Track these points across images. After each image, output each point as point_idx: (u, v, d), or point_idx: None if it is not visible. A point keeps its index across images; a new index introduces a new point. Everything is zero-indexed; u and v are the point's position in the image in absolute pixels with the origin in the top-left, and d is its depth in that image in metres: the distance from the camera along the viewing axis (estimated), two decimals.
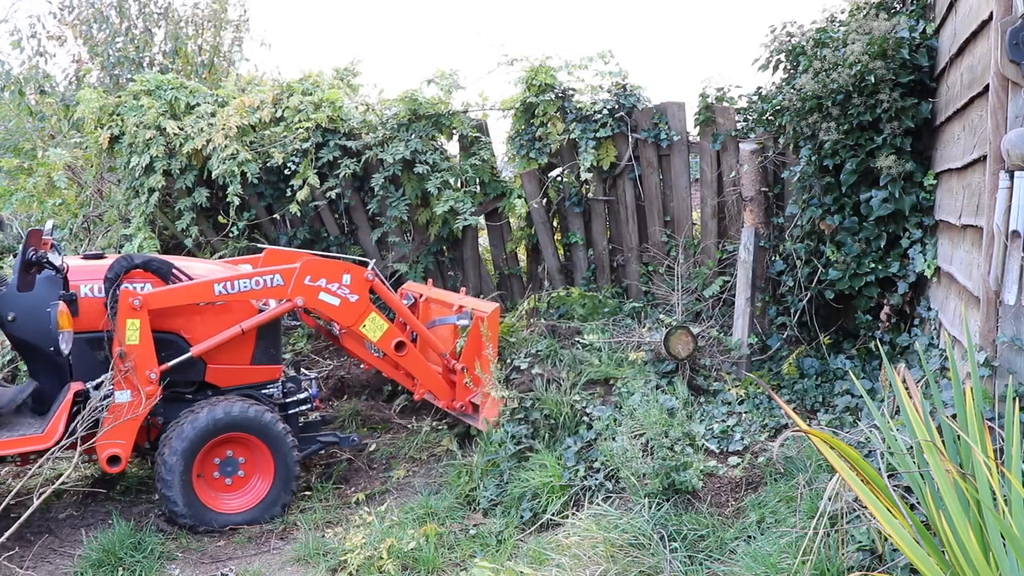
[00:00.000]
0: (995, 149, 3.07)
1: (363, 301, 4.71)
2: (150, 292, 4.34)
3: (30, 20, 8.71)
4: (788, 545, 3.06)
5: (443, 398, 5.09)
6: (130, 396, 4.27)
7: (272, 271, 4.58)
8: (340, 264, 4.72)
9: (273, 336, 4.88)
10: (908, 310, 4.68)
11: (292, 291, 4.57)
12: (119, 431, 4.26)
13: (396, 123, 6.39)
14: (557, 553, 3.51)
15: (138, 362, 4.26)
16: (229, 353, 4.66)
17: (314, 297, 4.61)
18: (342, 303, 4.66)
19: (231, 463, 4.52)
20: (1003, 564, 2.07)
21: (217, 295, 4.46)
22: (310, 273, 4.59)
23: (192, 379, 4.62)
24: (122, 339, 4.24)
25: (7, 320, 4.31)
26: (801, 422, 2.56)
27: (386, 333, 4.80)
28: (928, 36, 4.40)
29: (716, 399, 4.73)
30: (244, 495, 4.54)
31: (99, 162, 6.96)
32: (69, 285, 4.34)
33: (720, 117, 5.86)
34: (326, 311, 4.73)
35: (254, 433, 4.46)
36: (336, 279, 4.65)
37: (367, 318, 4.74)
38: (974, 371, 2.66)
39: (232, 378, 4.71)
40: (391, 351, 4.86)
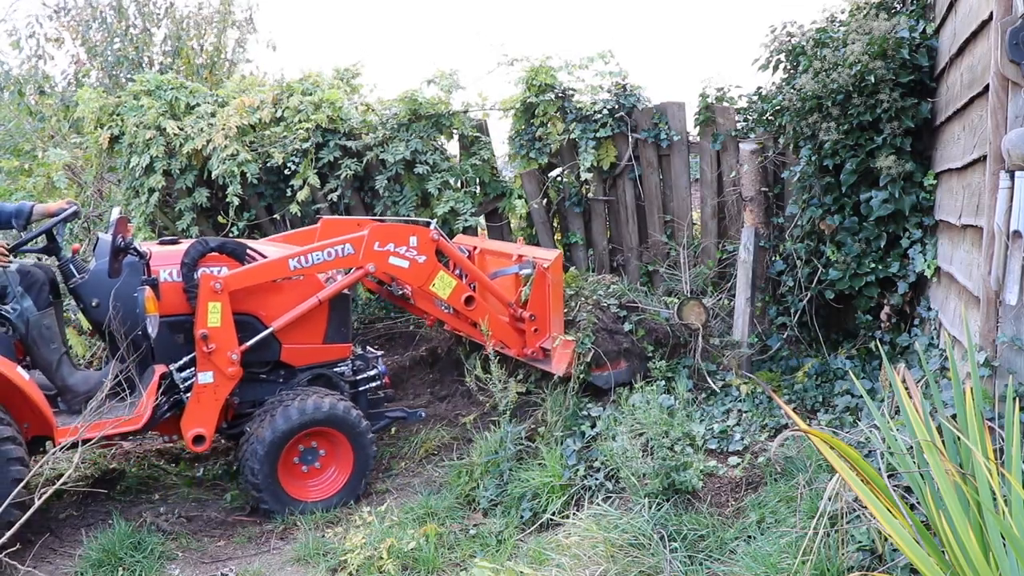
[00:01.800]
0: (995, 149, 3.07)
1: (431, 261, 4.78)
2: (229, 274, 4.43)
3: (28, 20, 8.73)
4: (788, 545, 3.06)
5: (513, 347, 5.13)
6: (212, 377, 4.41)
7: (342, 241, 4.63)
8: (406, 227, 4.78)
9: (344, 315, 4.99)
10: (908, 310, 4.68)
11: (363, 258, 4.64)
12: (203, 411, 4.42)
13: (396, 123, 6.39)
14: (557, 553, 3.51)
15: (220, 344, 4.38)
16: (303, 332, 4.78)
17: (384, 261, 4.68)
18: (411, 265, 4.73)
19: (312, 453, 4.65)
20: (1003, 564, 2.07)
21: (292, 270, 4.54)
22: (378, 239, 4.65)
23: (268, 359, 4.74)
24: (204, 322, 4.34)
25: (91, 306, 4.41)
26: (801, 422, 2.57)
27: (455, 289, 4.87)
28: (928, 36, 4.40)
29: (722, 396, 4.74)
30: (323, 483, 4.69)
31: (99, 162, 6.96)
32: (151, 270, 4.44)
33: (720, 117, 5.86)
34: (396, 274, 4.81)
35: (338, 428, 4.59)
36: (404, 242, 4.70)
37: (436, 277, 4.81)
38: (974, 371, 2.66)
39: (306, 357, 4.84)
40: (461, 306, 4.91)
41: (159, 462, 5.42)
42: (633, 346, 5.04)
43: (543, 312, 5.02)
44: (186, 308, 4.42)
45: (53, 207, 4.64)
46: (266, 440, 4.41)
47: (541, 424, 4.79)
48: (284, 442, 4.46)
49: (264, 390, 4.74)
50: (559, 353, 4.90)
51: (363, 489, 4.75)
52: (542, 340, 5.07)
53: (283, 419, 4.44)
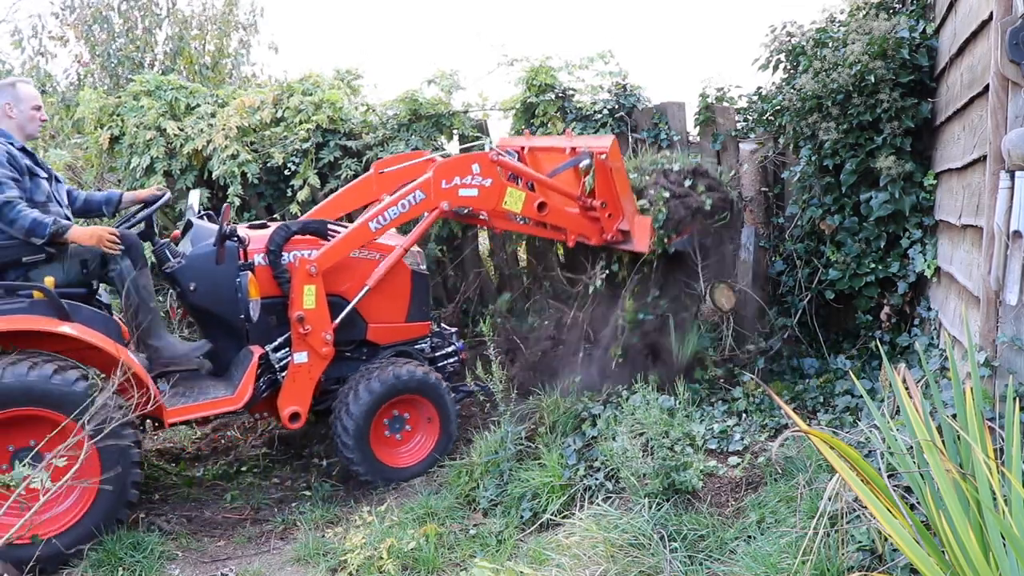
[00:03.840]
0: (995, 149, 3.07)
1: (497, 182, 4.82)
2: (320, 254, 4.54)
3: (31, 20, 8.74)
4: (788, 545, 3.06)
5: (593, 236, 5.22)
6: (307, 357, 4.58)
7: (412, 189, 4.68)
8: (465, 158, 4.82)
9: (424, 293, 5.15)
10: (908, 310, 4.68)
11: (436, 199, 4.68)
12: (299, 390, 4.61)
13: (396, 123, 6.39)
14: (557, 553, 3.51)
15: (315, 325, 4.54)
16: (387, 311, 4.98)
17: (455, 196, 4.73)
18: (480, 191, 4.78)
19: (399, 420, 4.86)
20: (1003, 564, 2.07)
21: (375, 231, 4.61)
22: (444, 176, 4.70)
23: (354, 338, 4.90)
24: (300, 304, 4.48)
25: (189, 290, 4.53)
26: (801, 422, 2.56)
27: (526, 201, 4.92)
28: (928, 36, 4.40)
29: (723, 395, 4.75)
30: (412, 449, 4.90)
31: (99, 162, 6.96)
32: (248, 254, 4.59)
33: (720, 117, 5.86)
34: (469, 204, 4.86)
35: (423, 394, 4.81)
36: (468, 172, 4.75)
37: (505, 195, 4.85)
38: (974, 371, 2.66)
39: (390, 335, 5.02)
40: (535, 214, 4.98)
41: (159, 462, 5.42)
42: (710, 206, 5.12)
43: (612, 197, 5.07)
44: (277, 290, 4.59)
45: (143, 194, 4.76)
46: (359, 408, 4.60)
47: (541, 424, 4.79)
48: (376, 408, 4.65)
49: (348, 368, 4.89)
50: (638, 231, 5.04)
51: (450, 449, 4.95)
52: (618, 223, 5.14)
53: (378, 383, 4.64)
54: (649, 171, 5.32)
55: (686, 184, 5.19)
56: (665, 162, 5.38)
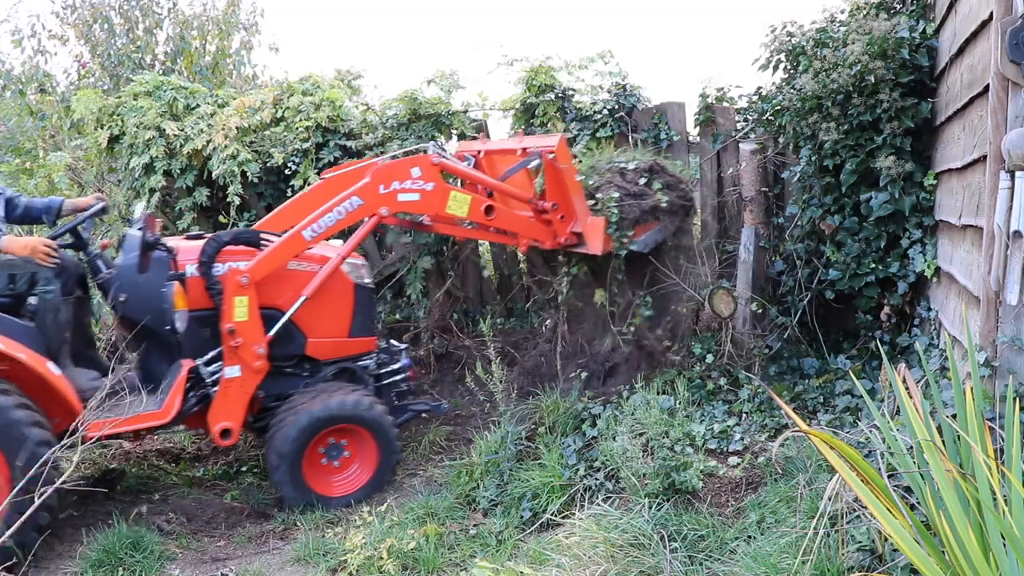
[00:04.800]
0: (995, 149, 3.07)
1: (440, 185, 4.70)
2: (252, 264, 4.41)
3: (31, 19, 8.74)
4: (788, 545, 3.06)
5: (546, 240, 5.10)
6: (240, 371, 4.45)
7: (349, 195, 4.54)
8: (405, 161, 4.71)
9: (369, 308, 4.99)
10: (908, 310, 4.68)
11: (374, 205, 4.57)
12: (231, 405, 4.47)
13: (396, 123, 6.39)
14: (557, 553, 3.51)
15: (247, 338, 4.41)
16: (328, 326, 4.81)
17: (395, 201, 4.61)
18: (422, 196, 4.65)
19: (336, 448, 4.69)
20: (1003, 564, 2.07)
21: (310, 240, 4.48)
22: (382, 181, 4.58)
23: (293, 353, 4.75)
24: (231, 316, 4.36)
25: (119, 301, 4.43)
26: (801, 422, 2.56)
27: (472, 205, 4.80)
28: (928, 36, 4.40)
29: (723, 395, 4.75)
30: (349, 478, 4.72)
31: (99, 163, 6.96)
32: (178, 265, 4.49)
33: (720, 117, 5.86)
34: (410, 209, 4.75)
35: (362, 425, 4.62)
36: (407, 176, 4.62)
37: (449, 199, 4.73)
38: (974, 371, 2.66)
39: (331, 351, 4.85)
40: (483, 218, 4.86)
41: (159, 462, 5.42)
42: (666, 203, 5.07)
43: (563, 198, 4.98)
44: (210, 302, 4.45)
45: (83, 202, 4.66)
46: (290, 436, 4.45)
47: (541, 424, 4.79)
48: (307, 439, 4.50)
49: (289, 384, 4.77)
50: (591, 232, 4.93)
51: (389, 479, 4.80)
52: (571, 225, 5.05)
53: (306, 417, 4.47)
54: (605, 170, 5.23)
55: (641, 183, 5.12)
56: (622, 161, 5.30)
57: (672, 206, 5.11)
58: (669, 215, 5.11)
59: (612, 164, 5.27)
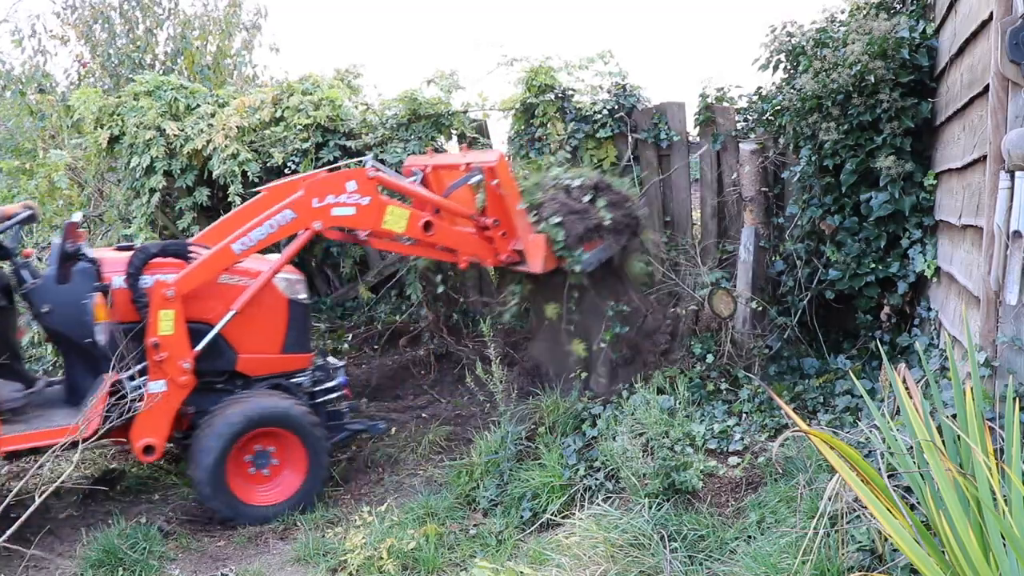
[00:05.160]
0: (995, 149, 3.07)
1: (376, 200, 4.61)
2: (179, 277, 4.30)
3: (31, 19, 8.74)
4: (788, 545, 3.06)
5: (487, 257, 5.01)
6: (164, 386, 4.32)
7: (281, 208, 4.46)
8: (340, 175, 4.61)
9: (303, 323, 4.86)
10: (908, 310, 4.68)
11: (307, 219, 4.49)
12: (155, 421, 4.32)
13: (396, 123, 6.39)
14: (557, 553, 3.51)
15: (172, 352, 4.29)
16: (260, 341, 4.67)
17: (328, 215, 4.53)
18: (358, 210, 4.57)
19: (264, 456, 4.54)
20: (1003, 564, 2.07)
21: (239, 253, 4.39)
22: (315, 194, 4.49)
23: (223, 368, 4.62)
24: (155, 330, 4.25)
25: (42, 312, 4.32)
26: (801, 422, 2.56)
27: (410, 220, 4.70)
28: (928, 36, 4.40)
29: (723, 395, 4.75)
30: (276, 487, 4.57)
31: (99, 162, 6.96)
32: (103, 277, 4.36)
33: (720, 117, 5.86)
34: (346, 223, 4.67)
35: (287, 428, 4.48)
36: (342, 190, 4.53)
37: (386, 214, 4.63)
38: (974, 371, 2.66)
39: (262, 367, 4.71)
40: (421, 234, 4.75)
41: (159, 462, 5.41)
42: (610, 222, 4.96)
43: (504, 214, 4.86)
44: (137, 315, 4.31)
45: (10, 209, 4.51)
46: (214, 440, 4.29)
47: (541, 424, 4.79)
48: (233, 441, 4.34)
49: (221, 400, 4.56)
50: (532, 250, 4.80)
51: (321, 489, 4.62)
52: (513, 243, 4.93)
53: (224, 423, 4.31)
54: (550, 187, 5.11)
55: (585, 200, 5.01)
56: (567, 177, 5.17)
57: (617, 224, 5.01)
58: (614, 233, 5.01)
59: (557, 181, 5.17)
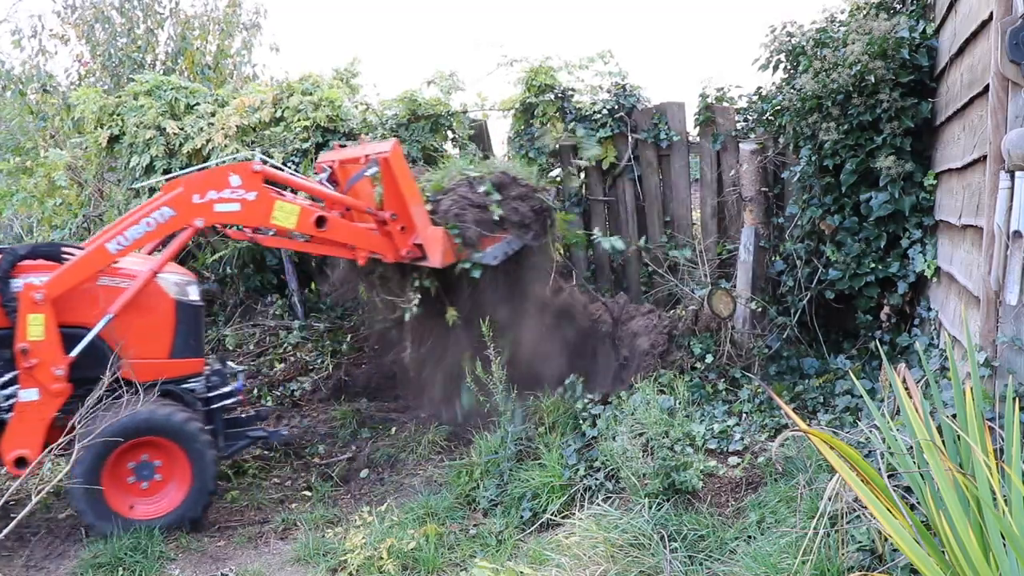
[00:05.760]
0: (995, 149, 3.07)
1: (263, 195, 4.39)
2: (50, 280, 4.09)
3: (32, 19, 8.76)
4: (788, 545, 3.06)
5: (388, 253, 4.78)
6: (37, 394, 4.10)
7: (158, 205, 4.25)
8: (222, 169, 4.40)
9: (193, 327, 4.62)
10: (908, 310, 4.68)
11: (187, 216, 4.26)
12: (27, 431, 4.11)
13: (395, 123, 6.39)
14: (557, 553, 3.51)
15: (43, 358, 4.07)
16: (145, 346, 4.43)
17: (210, 212, 4.30)
18: (243, 206, 4.35)
19: (147, 467, 4.30)
20: (1003, 564, 2.07)
21: (114, 253, 4.17)
22: (196, 191, 4.27)
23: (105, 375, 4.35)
24: (24, 335, 4.04)
25: None
26: (801, 422, 2.56)
27: (301, 215, 4.46)
28: (928, 36, 4.40)
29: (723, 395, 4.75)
30: (160, 500, 4.33)
31: (99, 162, 6.96)
32: None
33: (720, 117, 5.87)
34: (231, 220, 4.49)
35: (168, 437, 4.24)
36: (224, 185, 4.30)
37: (274, 209, 4.41)
38: (974, 371, 2.66)
39: (149, 373, 4.42)
40: (313, 230, 4.53)
41: None
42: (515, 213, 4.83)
43: (402, 208, 4.67)
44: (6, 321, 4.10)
45: None
46: (87, 450, 4.03)
47: (541, 424, 4.79)
48: (108, 452, 4.11)
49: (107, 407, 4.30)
50: (431, 244, 4.64)
51: (208, 501, 4.39)
52: (413, 238, 4.73)
53: (108, 427, 4.07)
54: (454, 180, 4.98)
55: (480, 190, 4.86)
56: (470, 170, 5.05)
57: (523, 218, 4.86)
58: (519, 227, 4.86)
59: (462, 174, 5.02)
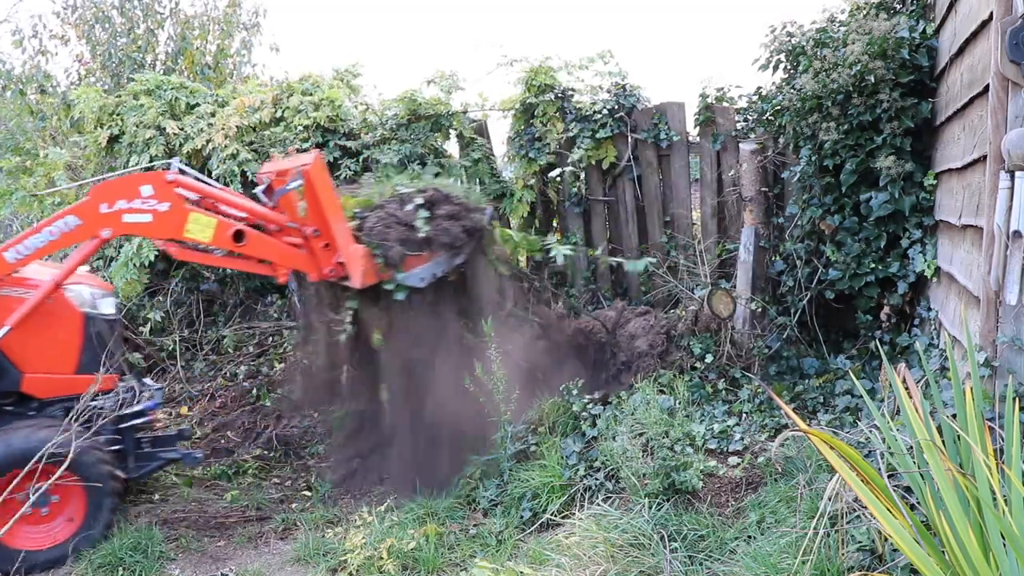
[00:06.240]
0: (995, 149, 3.08)
1: (176, 206, 4.16)
2: None
3: (32, 19, 8.76)
4: (788, 545, 3.06)
5: (311, 271, 4.58)
6: None
7: (64, 213, 4.08)
8: (133, 178, 4.20)
9: (103, 342, 4.45)
10: (908, 310, 4.68)
11: (93, 226, 4.08)
12: None
13: (396, 123, 6.38)
14: (557, 553, 3.51)
15: None
16: (50, 360, 4.29)
17: (119, 222, 4.10)
18: (155, 217, 4.12)
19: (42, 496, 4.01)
20: (1003, 564, 2.07)
21: (13, 262, 4.02)
22: (104, 200, 4.07)
23: (6, 389, 4.23)
24: None
25: None
26: (801, 422, 2.56)
27: (217, 229, 4.23)
28: (928, 36, 4.40)
29: (723, 395, 4.75)
30: (54, 529, 4.13)
31: (98, 161, 6.96)
32: None
33: (720, 117, 5.86)
34: (141, 232, 4.31)
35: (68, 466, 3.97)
36: (135, 195, 4.09)
37: (188, 221, 4.18)
38: (974, 371, 2.66)
39: (53, 388, 4.30)
40: (230, 244, 4.30)
41: None
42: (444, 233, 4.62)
43: (324, 223, 4.47)
44: None
45: None
46: None
47: (541, 424, 4.79)
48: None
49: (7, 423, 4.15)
50: (351, 262, 4.46)
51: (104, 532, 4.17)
52: (337, 255, 4.51)
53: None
54: (385, 197, 4.76)
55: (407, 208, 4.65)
56: (402, 186, 4.83)
57: (454, 239, 4.65)
58: (449, 248, 4.65)
59: (394, 190, 4.81)
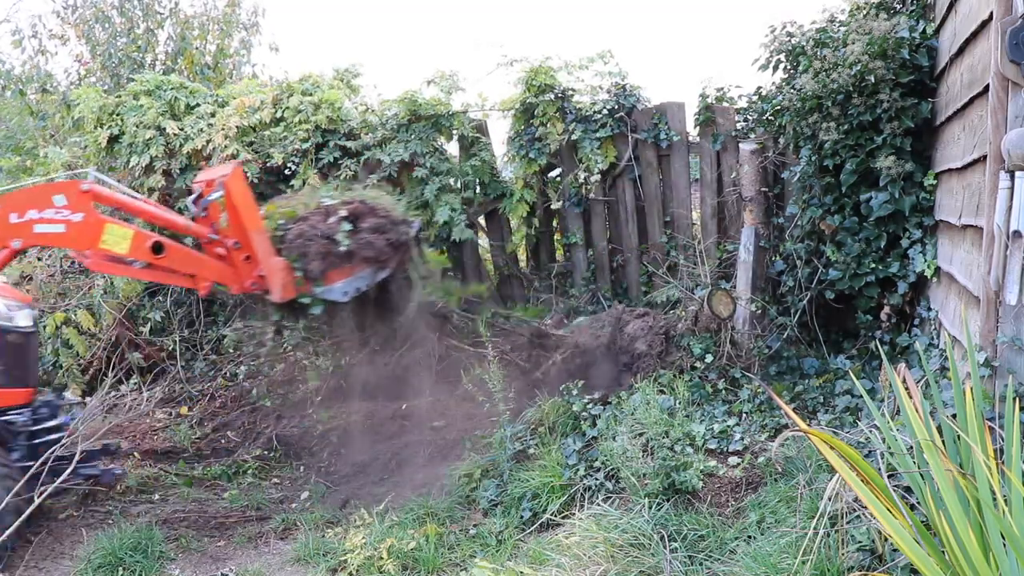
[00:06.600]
0: (995, 149, 3.08)
1: (91, 216, 4.01)
2: None
3: (32, 19, 8.76)
4: (788, 545, 3.06)
5: (233, 284, 4.49)
6: None
7: None
8: (45, 187, 4.09)
9: (18, 355, 4.31)
10: (908, 310, 4.68)
11: (4, 236, 3.93)
12: None
13: (396, 124, 6.38)
14: (557, 553, 3.50)
15: None
16: None
17: (30, 232, 3.96)
18: (68, 228, 3.97)
19: None
20: (1003, 564, 2.07)
21: None
22: (14, 209, 3.93)
23: None
24: None
25: None
26: (801, 422, 2.56)
27: (134, 240, 4.11)
28: (928, 36, 4.40)
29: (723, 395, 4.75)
30: None
31: (98, 161, 6.96)
32: None
33: (720, 117, 5.87)
34: (54, 243, 4.19)
35: None
36: (47, 204, 3.95)
37: (104, 232, 4.04)
38: (974, 371, 2.66)
39: None
40: (149, 256, 4.17)
41: (159, 462, 5.42)
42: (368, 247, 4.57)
43: (244, 235, 4.40)
44: None
45: None
46: None
47: (541, 424, 4.79)
48: None
49: None
50: (271, 275, 4.39)
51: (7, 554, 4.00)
52: (258, 268, 4.47)
53: None
54: (311, 208, 4.71)
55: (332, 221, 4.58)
56: (327, 198, 4.77)
57: (379, 252, 4.58)
58: (373, 261, 4.59)
59: (319, 202, 4.76)
